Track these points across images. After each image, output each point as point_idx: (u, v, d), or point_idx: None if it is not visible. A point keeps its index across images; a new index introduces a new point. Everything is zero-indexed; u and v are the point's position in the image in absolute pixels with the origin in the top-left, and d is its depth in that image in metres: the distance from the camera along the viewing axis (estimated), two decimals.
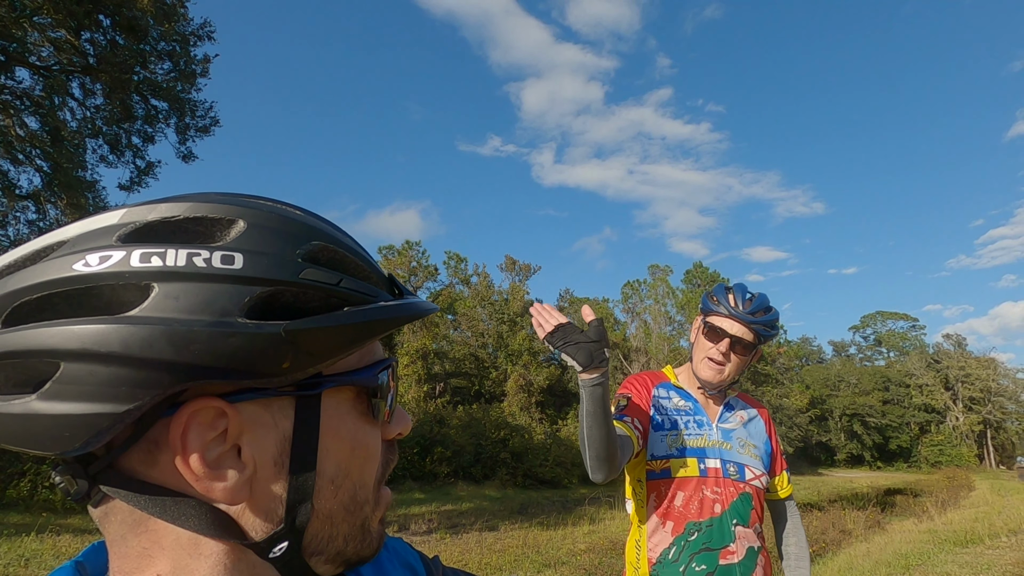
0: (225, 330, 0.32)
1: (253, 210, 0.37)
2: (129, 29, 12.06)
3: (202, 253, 0.34)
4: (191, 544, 0.35)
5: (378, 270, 0.42)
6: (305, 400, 0.38)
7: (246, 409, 0.36)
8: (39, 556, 7.18)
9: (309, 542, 0.38)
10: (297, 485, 0.37)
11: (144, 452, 0.35)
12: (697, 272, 41.24)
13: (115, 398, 0.31)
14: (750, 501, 1.63)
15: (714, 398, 1.74)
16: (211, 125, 14.09)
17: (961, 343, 62.68)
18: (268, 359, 0.34)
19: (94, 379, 0.31)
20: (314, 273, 0.36)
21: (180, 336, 0.31)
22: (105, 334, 0.31)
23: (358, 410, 0.40)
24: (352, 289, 0.38)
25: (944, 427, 56.83)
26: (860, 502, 17.83)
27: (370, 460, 0.41)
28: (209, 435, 0.35)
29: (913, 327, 67.28)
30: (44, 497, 10.70)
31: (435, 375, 30.95)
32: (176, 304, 0.32)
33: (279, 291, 0.35)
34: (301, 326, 0.34)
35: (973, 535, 9.32)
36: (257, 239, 0.36)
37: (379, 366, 0.42)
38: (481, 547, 9.30)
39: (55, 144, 11.96)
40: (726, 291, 1.70)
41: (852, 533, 11.42)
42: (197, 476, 0.34)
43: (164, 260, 0.33)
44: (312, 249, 0.38)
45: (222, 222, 0.36)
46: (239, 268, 0.34)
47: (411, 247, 32.69)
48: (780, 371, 46.79)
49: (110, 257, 0.33)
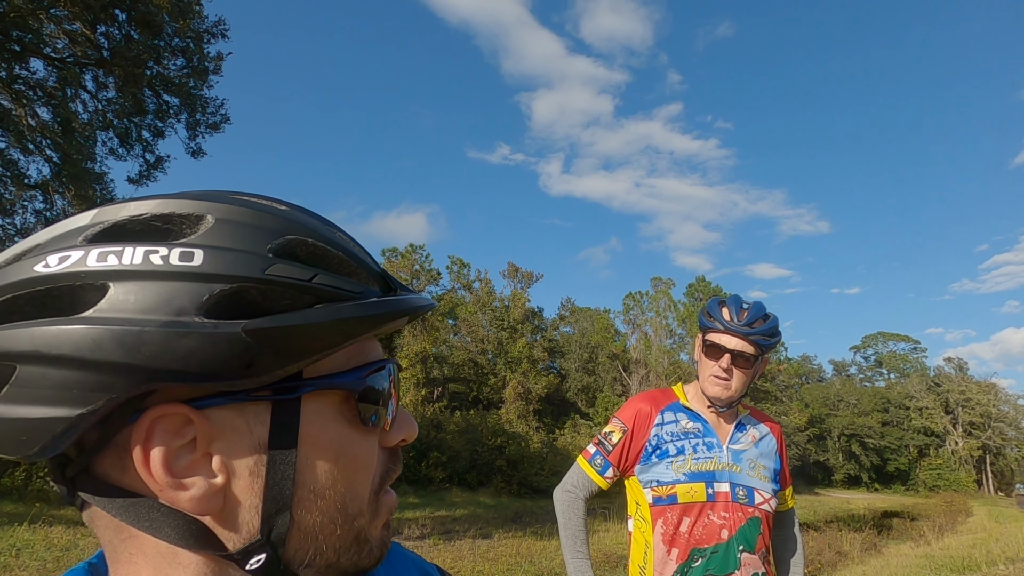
0: (179, 330, 0.31)
1: (223, 204, 0.36)
2: (144, 24, 12.17)
3: (160, 250, 0.33)
4: (170, 553, 0.34)
5: (368, 266, 0.40)
6: (282, 405, 0.35)
7: (217, 415, 0.34)
8: (31, 546, 7.16)
9: (293, 555, 0.36)
10: (273, 496, 0.35)
11: (115, 457, 0.34)
12: (699, 286, 41.21)
13: (68, 401, 0.30)
14: (758, 526, 1.60)
15: (725, 416, 1.70)
16: (221, 122, 14.17)
17: (962, 367, 62.42)
18: (229, 360, 0.32)
19: (47, 382, 0.30)
20: (283, 269, 0.34)
21: (130, 337, 0.30)
22: (56, 335, 0.30)
23: (345, 416, 0.38)
24: (328, 285, 0.35)
25: (943, 451, 56.44)
26: (857, 524, 17.68)
27: (360, 470, 0.38)
28: (175, 442, 0.33)
29: (914, 349, 67.05)
30: (38, 487, 10.69)
31: (434, 379, 30.90)
32: (131, 303, 0.31)
33: (243, 288, 0.33)
34: (263, 324, 0.32)
35: (970, 562, 9.22)
36: (222, 234, 0.34)
37: (368, 368, 0.39)
38: (474, 555, 9.24)
39: (65, 135, 12.04)
40: (720, 305, 1.66)
41: (848, 555, 11.32)
42: (160, 485, 0.33)
43: (120, 259, 0.32)
44: (286, 243, 0.36)
45: (190, 218, 0.35)
46: (197, 265, 0.33)
47: (414, 250, 32.75)
48: (780, 388, 46.61)
49: (68, 257, 0.33)
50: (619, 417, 1.72)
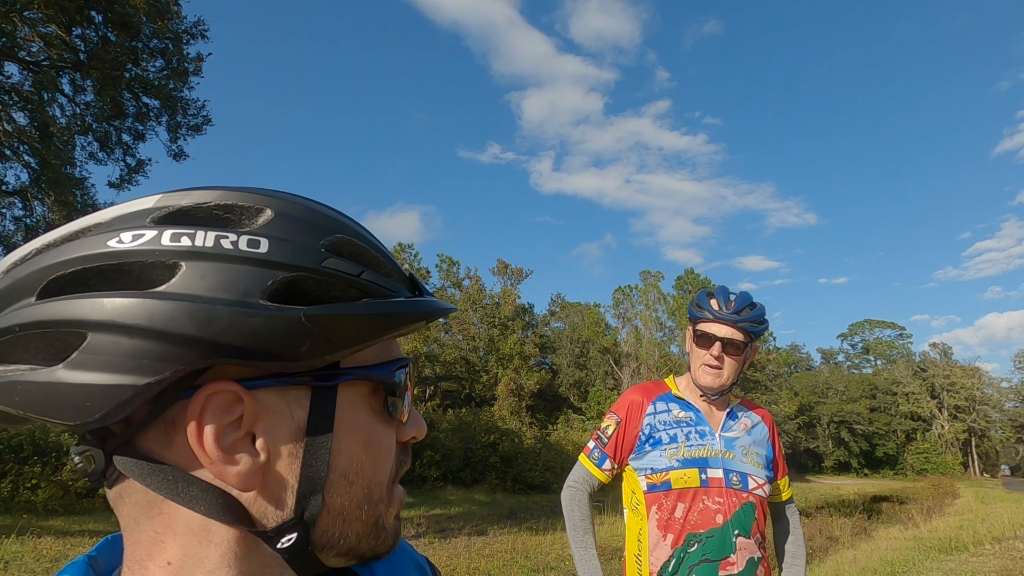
0: (246, 310, 0.33)
1: (281, 200, 0.39)
2: (121, 26, 11.97)
3: (230, 236, 0.35)
4: (202, 530, 0.36)
5: (399, 268, 0.43)
6: (321, 391, 0.38)
7: (263, 396, 0.36)
8: (19, 558, 7.05)
9: (320, 536, 0.38)
10: (309, 476, 0.37)
11: (161, 432, 0.35)
12: (688, 278, 41.48)
13: (137, 370, 0.32)
14: (753, 511, 1.61)
15: (717, 405, 1.73)
16: (203, 124, 13.98)
17: (947, 352, 63.44)
18: (287, 342, 0.34)
19: (118, 350, 0.32)
20: (336, 263, 0.37)
21: (203, 313, 0.32)
22: (131, 307, 0.32)
23: (373, 407, 0.41)
24: (372, 282, 0.39)
25: (930, 435, 57.38)
26: (847, 509, 17.93)
27: (384, 458, 0.41)
28: (225, 419, 0.35)
29: (900, 336, 68.01)
30: (25, 499, 10.52)
31: (425, 378, 30.83)
32: (201, 283, 0.33)
33: (301, 277, 0.36)
34: (321, 312, 0.35)
35: (958, 542, 9.40)
36: (283, 227, 0.37)
37: (396, 364, 0.42)
38: (470, 552, 9.25)
39: (43, 140, 11.81)
40: (708, 296, 1.71)
41: (839, 540, 11.48)
42: (211, 459, 0.35)
43: (193, 241, 0.35)
44: (336, 241, 0.39)
45: (251, 210, 0.38)
46: (264, 252, 0.35)
47: (403, 249, 32.61)
48: (769, 378, 47.08)
49: (143, 235, 0.35)
50: (613, 410, 1.76)
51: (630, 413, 1.72)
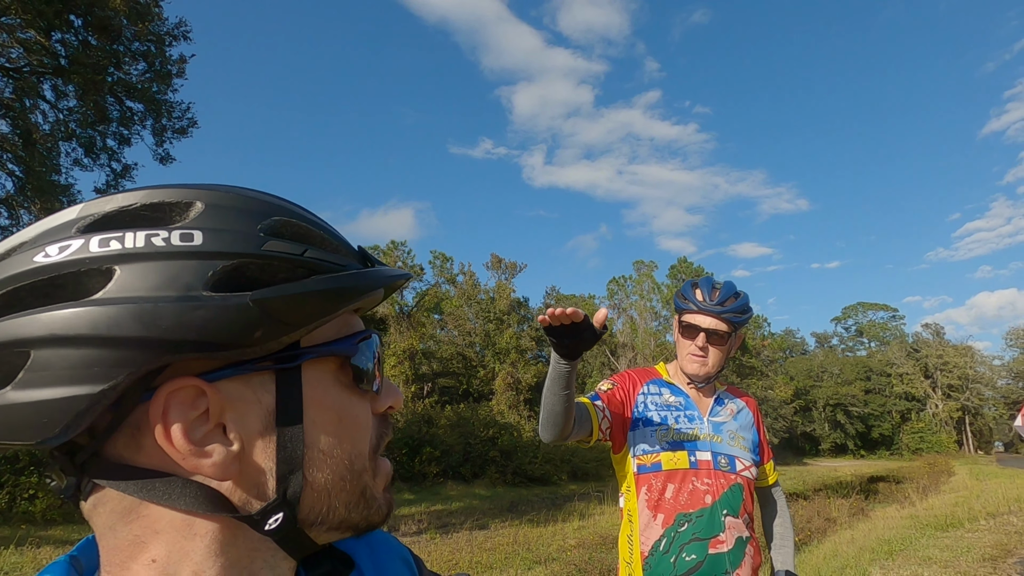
0: (191, 303, 0.33)
1: (211, 191, 0.38)
2: (101, 29, 11.80)
3: (160, 233, 0.35)
4: (185, 525, 0.36)
5: (347, 244, 0.43)
6: (285, 373, 0.38)
7: (226, 387, 0.36)
8: (19, 569, 7.02)
9: (307, 514, 0.38)
10: (285, 457, 0.37)
11: (128, 437, 0.35)
12: (682, 267, 41.59)
13: (89, 379, 0.31)
14: (741, 492, 1.66)
15: (704, 392, 1.78)
16: (188, 127, 13.84)
17: (939, 332, 64.02)
18: (239, 329, 0.34)
19: (66, 363, 0.31)
20: (277, 245, 0.37)
21: (147, 313, 0.32)
22: (71, 317, 0.32)
23: (342, 382, 0.41)
24: (318, 258, 0.38)
25: (924, 415, 58.01)
26: (844, 490, 18.12)
27: (361, 429, 0.41)
28: (191, 414, 0.35)
29: (893, 317, 68.56)
30: (23, 509, 10.46)
31: (423, 375, 30.82)
32: (140, 283, 0.33)
33: (243, 264, 0.36)
34: (268, 294, 0.35)
35: (953, 519, 9.52)
36: (216, 217, 0.37)
37: (358, 336, 0.42)
38: (471, 546, 9.28)
39: (27, 148, 11.66)
40: (693, 287, 1.75)
41: (837, 521, 11.60)
42: (183, 453, 0.34)
43: (123, 243, 0.34)
44: (274, 223, 0.38)
45: (179, 205, 0.37)
46: (199, 244, 0.35)
47: (396, 247, 32.51)
48: (764, 363, 47.38)
49: (69, 246, 0.34)
50: (611, 378, 1.81)
51: (627, 383, 1.77)
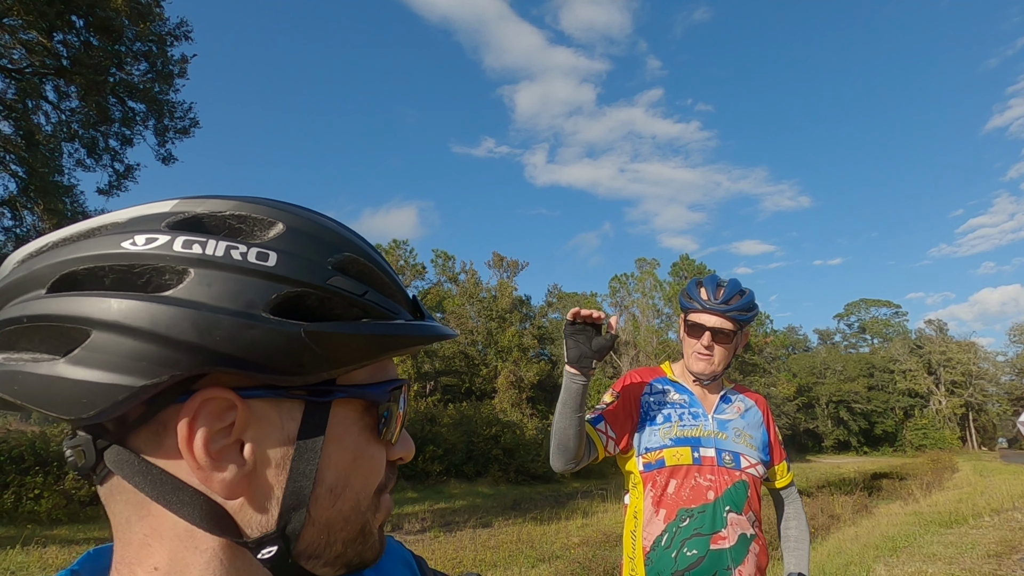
0: (248, 322, 0.34)
1: (292, 215, 0.39)
2: (103, 30, 11.81)
3: (240, 247, 0.36)
4: (188, 535, 0.36)
5: (403, 290, 0.44)
6: (314, 406, 0.38)
7: (256, 405, 0.36)
8: (25, 568, 7.06)
9: (305, 548, 0.38)
10: (294, 489, 0.37)
11: (153, 433, 0.36)
12: (683, 264, 41.53)
13: (136, 372, 0.32)
14: (745, 489, 1.64)
15: (710, 389, 1.77)
16: (190, 126, 13.84)
17: (942, 328, 63.83)
18: (285, 356, 0.35)
19: (120, 350, 0.33)
20: (341, 281, 0.38)
21: (205, 321, 0.33)
22: (137, 309, 0.33)
23: (364, 424, 0.41)
24: (375, 303, 0.39)
25: (927, 411, 57.86)
26: (847, 487, 18.10)
27: (373, 475, 0.42)
28: (216, 425, 0.35)
29: (896, 314, 68.38)
30: (29, 509, 10.50)
31: (425, 373, 30.85)
32: (207, 291, 0.34)
33: (305, 293, 0.36)
34: (321, 328, 0.36)
35: (957, 516, 9.51)
36: (292, 242, 0.38)
37: (391, 384, 0.42)
38: (475, 544, 9.30)
39: (30, 149, 11.68)
40: (698, 286, 1.75)
41: (840, 518, 11.59)
42: (199, 464, 0.35)
43: (204, 249, 0.35)
44: (343, 259, 0.39)
45: (263, 222, 0.38)
46: (271, 265, 0.36)
47: (398, 246, 32.52)
48: (767, 360, 47.32)
49: (156, 240, 0.35)
50: (612, 388, 1.80)
51: (629, 389, 1.76)
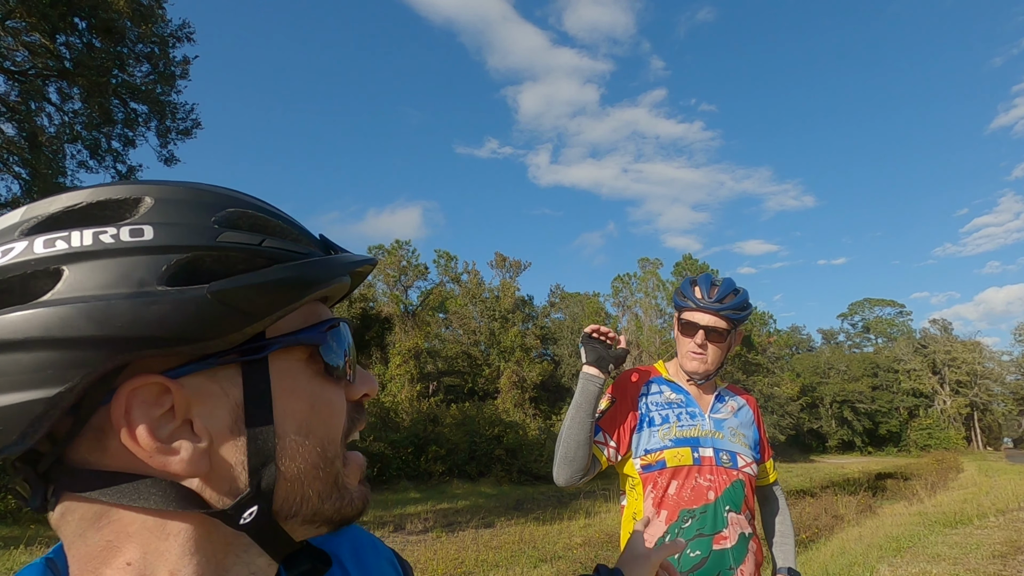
0: (147, 299, 0.32)
1: (160, 186, 0.37)
2: (105, 31, 11.85)
3: (108, 230, 0.34)
4: (158, 526, 0.35)
5: (308, 233, 0.42)
6: (251, 365, 0.37)
7: (191, 383, 0.35)
8: None
9: (281, 505, 0.38)
10: (256, 450, 0.36)
11: (91, 441, 0.34)
12: (686, 264, 41.45)
13: (44, 383, 0.30)
14: (742, 488, 1.67)
15: (705, 388, 1.78)
16: (192, 127, 13.88)
17: (947, 328, 63.57)
18: (199, 323, 0.33)
19: (18, 367, 0.30)
20: (233, 235, 0.36)
21: (99, 311, 0.31)
22: (20, 321, 0.30)
23: (313, 369, 0.40)
24: (277, 247, 0.37)
25: (932, 411, 57.63)
26: (851, 487, 18.02)
27: (334, 416, 0.41)
28: (155, 412, 0.34)
29: (900, 313, 68.11)
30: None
31: (428, 374, 30.86)
32: (91, 282, 0.32)
33: (198, 257, 0.34)
34: (226, 285, 0.34)
35: (962, 516, 9.45)
36: (166, 211, 0.36)
37: (324, 324, 0.41)
38: (477, 544, 9.29)
39: (33, 150, 11.73)
40: (692, 285, 1.75)
41: (844, 518, 11.55)
42: (149, 452, 0.33)
43: (69, 242, 0.33)
44: (229, 215, 0.37)
45: (128, 202, 0.36)
46: (149, 239, 0.34)
47: (400, 246, 32.54)
48: (770, 360, 47.19)
49: (12, 249, 0.33)
50: (608, 392, 1.79)
51: (625, 392, 1.76)
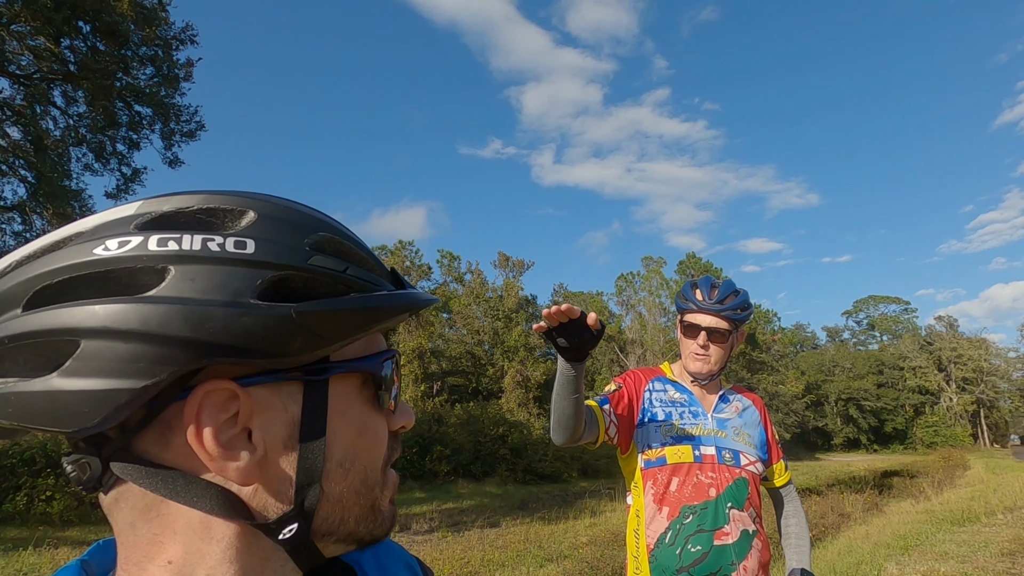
0: (239, 310, 0.34)
1: (263, 202, 0.39)
2: (109, 35, 11.90)
3: (216, 238, 0.36)
4: (203, 527, 0.36)
5: (381, 264, 0.44)
6: (313, 385, 0.39)
7: (257, 393, 0.37)
8: (37, 569, 7.12)
9: (320, 524, 0.39)
10: (306, 467, 0.38)
11: (157, 434, 0.36)
12: (690, 263, 41.35)
13: (134, 374, 0.32)
14: (746, 486, 1.67)
15: (709, 389, 1.79)
16: (196, 130, 13.93)
17: (953, 324, 63.24)
18: (280, 339, 0.35)
19: (114, 355, 0.32)
20: (322, 260, 0.38)
21: (196, 314, 0.33)
22: (125, 312, 0.32)
23: (364, 397, 0.42)
24: (358, 277, 0.40)
25: (938, 408, 57.36)
26: (858, 485, 17.95)
27: (378, 445, 0.42)
28: (222, 416, 0.36)
29: (905, 310, 67.83)
30: (41, 511, 10.60)
31: (432, 374, 30.90)
32: (192, 285, 0.34)
33: (289, 276, 0.37)
34: (311, 308, 0.36)
35: (970, 514, 9.41)
36: (267, 228, 0.38)
37: (383, 355, 0.43)
38: (483, 544, 9.30)
39: (38, 154, 11.80)
40: (693, 287, 1.78)
41: (851, 516, 11.51)
42: (211, 455, 0.35)
43: (180, 244, 0.35)
44: (319, 239, 0.40)
45: (234, 212, 0.38)
46: (251, 253, 0.36)
47: (404, 247, 32.59)
48: (775, 358, 47.03)
49: (128, 242, 0.35)
50: (615, 379, 1.82)
51: (630, 385, 1.78)
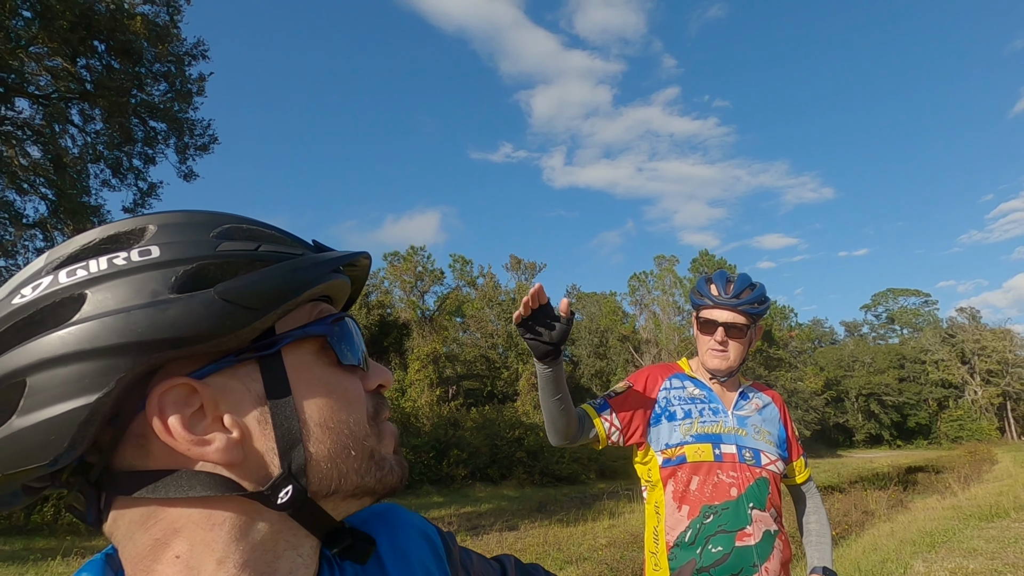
0: (160, 307, 0.36)
1: (159, 215, 0.42)
2: (124, 53, 12.16)
3: (120, 254, 0.38)
4: (204, 519, 0.38)
5: (300, 240, 0.46)
6: (267, 360, 0.40)
7: (215, 382, 0.38)
8: None
9: (319, 484, 0.41)
10: (282, 434, 0.40)
11: (135, 447, 0.37)
12: (704, 260, 41.03)
13: (83, 391, 0.34)
14: (767, 486, 1.64)
15: (728, 386, 1.76)
16: (210, 143, 14.16)
17: (975, 316, 62.00)
18: (210, 321, 0.36)
19: (59, 381, 0.34)
20: (231, 245, 0.40)
21: (121, 321, 0.35)
22: (55, 341, 0.35)
23: (325, 360, 0.43)
24: (273, 251, 0.41)
25: (963, 402, 56.25)
26: (881, 482, 17.65)
27: (354, 401, 0.44)
28: (186, 410, 0.37)
29: (925, 303, 66.66)
30: (68, 521, 10.80)
31: (447, 378, 30.99)
32: (110, 299, 0.36)
33: (203, 266, 0.38)
34: (232, 284, 0.38)
35: (998, 509, 9.20)
36: (169, 234, 0.40)
37: (330, 318, 0.44)
38: (502, 547, 9.30)
39: (58, 171, 12.07)
40: (707, 282, 1.75)
41: (875, 513, 11.32)
42: (186, 444, 0.37)
43: (88, 269, 0.37)
44: (225, 229, 0.41)
45: (134, 232, 0.40)
46: (157, 256, 0.38)
47: (415, 252, 32.75)
48: (793, 355, 46.45)
49: (41, 284, 0.37)
50: (627, 379, 1.80)
51: (645, 382, 1.76)
